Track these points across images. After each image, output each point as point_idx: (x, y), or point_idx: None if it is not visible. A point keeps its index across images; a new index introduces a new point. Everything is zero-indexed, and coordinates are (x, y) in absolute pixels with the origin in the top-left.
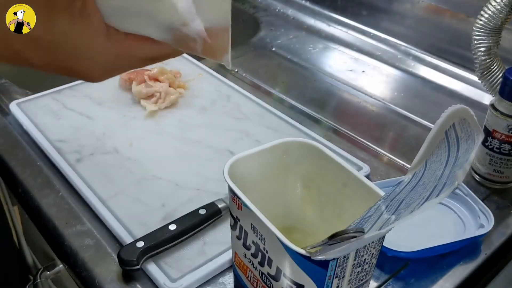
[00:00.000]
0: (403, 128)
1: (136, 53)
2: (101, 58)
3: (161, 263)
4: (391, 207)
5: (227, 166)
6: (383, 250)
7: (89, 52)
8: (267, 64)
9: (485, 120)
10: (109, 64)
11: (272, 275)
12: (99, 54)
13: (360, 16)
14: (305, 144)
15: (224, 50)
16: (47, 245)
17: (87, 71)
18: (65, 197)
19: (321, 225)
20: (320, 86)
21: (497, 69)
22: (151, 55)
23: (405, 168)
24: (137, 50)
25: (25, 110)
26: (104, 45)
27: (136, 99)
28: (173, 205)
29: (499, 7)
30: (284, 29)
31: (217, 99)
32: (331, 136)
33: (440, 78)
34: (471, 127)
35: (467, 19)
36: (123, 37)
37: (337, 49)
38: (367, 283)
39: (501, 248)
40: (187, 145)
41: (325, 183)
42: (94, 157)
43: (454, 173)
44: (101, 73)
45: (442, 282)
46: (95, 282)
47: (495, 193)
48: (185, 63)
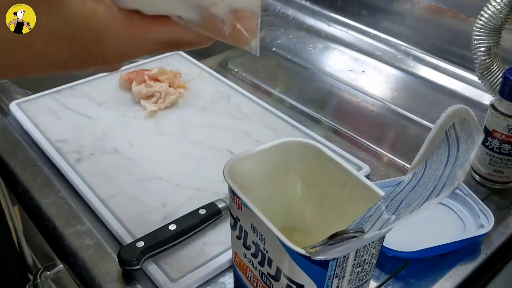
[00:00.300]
0: (403, 128)
1: (153, 36)
2: (116, 41)
3: (161, 263)
4: (391, 207)
5: (227, 166)
6: (383, 250)
7: (105, 34)
8: (267, 64)
9: (485, 120)
10: (125, 47)
11: (272, 275)
12: (114, 36)
13: (360, 16)
14: (305, 144)
15: (252, 35)
16: (47, 245)
17: (105, 55)
18: (65, 197)
19: (321, 225)
20: (320, 86)
21: (497, 69)
22: (170, 39)
23: (405, 168)
24: (155, 33)
25: (25, 110)
26: (118, 26)
27: (136, 99)
28: (173, 205)
29: (499, 7)
30: (284, 29)
31: (217, 99)
32: (331, 136)
33: (440, 78)
34: (471, 127)
35: (467, 19)
36: (140, 18)
37: (337, 49)
38: (367, 283)
39: (501, 248)
40: (187, 145)
41: (325, 183)
42: (94, 157)
43: (454, 173)
44: (117, 57)
45: (442, 282)
46: (95, 282)
47: (495, 193)
48: (185, 63)
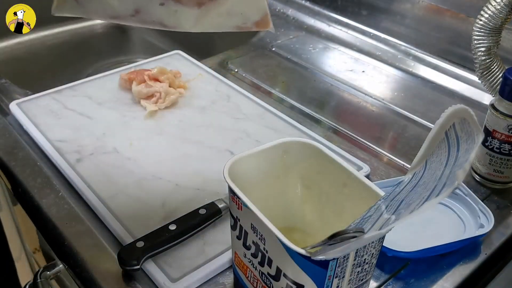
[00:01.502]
0: (403, 128)
1: None
2: None
3: (161, 263)
4: (391, 207)
5: (227, 166)
6: (383, 250)
7: None
8: (267, 64)
9: (485, 120)
10: None
11: (272, 275)
12: None
13: (360, 16)
14: (305, 144)
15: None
16: (47, 245)
17: None
18: (65, 197)
19: (321, 225)
20: (320, 86)
21: (497, 69)
22: None
23: (405, 168)
24: None
25: (25, 110)
26: None
27: (136, 99)
28: (173, 205)
29: (499, 7)
30: (284, 29)
31: (217, 99)
32: (331, 136)
33: (440, 78)
34: (471, 127)
35: (467, 19)
36: None
37: (337, 49)
38: (367, 283)
39: (501, 248)
40: (187, 145)
41: (325, 183)
42: (94, 157)
43: (454, 173)
44: None
45: (442, 282)
46: (95, 282)
47: (495, 193)
48: (185, 63)
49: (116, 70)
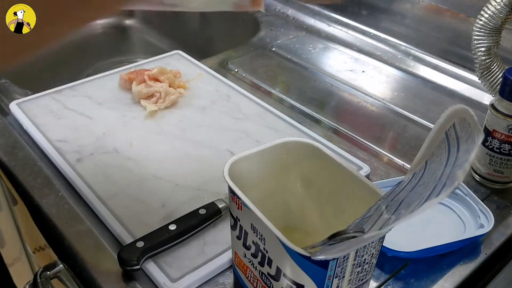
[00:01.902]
0: (403, 128)
1: None
2: None
3: (161, 263)
4: (391, 207)
5: (227, 166)
6: (383, 250)
7: None
8: (267, 64)
9: (485, 120)
10: None
11: (272, 275)
12: None
13: (360, 16)
14: (305, 144)
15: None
16: (47, 245)
17: None
18: (65, 197)
19: (321, 225)
20: (320, 86)
21: (497, 69)
22: None
23: (405, 168)
24: None
25: (25, 110)
26: None
27: (136, 99)
28: (173, 205)
29: (499, 7)
30: (284, 29)
31: (217, 99)
32: (331, 136)
33: (440, 78)
34: (471, 127)
35: (467, 19)
36: None
37: (337, 49)
38: (367, 283)
39: (501, 248)
40: (187, 145)
41: (325, 183)
42: (94, 157)
43: (454, 173)
44: None
45: (442, 282)
46: (95, 282)
47: (495, 193)
48: (185, 63)
49: (116, 70)
